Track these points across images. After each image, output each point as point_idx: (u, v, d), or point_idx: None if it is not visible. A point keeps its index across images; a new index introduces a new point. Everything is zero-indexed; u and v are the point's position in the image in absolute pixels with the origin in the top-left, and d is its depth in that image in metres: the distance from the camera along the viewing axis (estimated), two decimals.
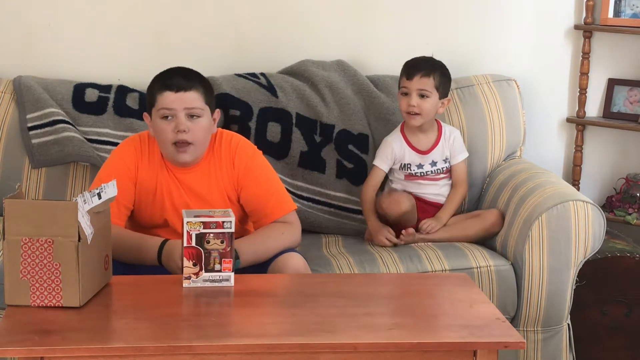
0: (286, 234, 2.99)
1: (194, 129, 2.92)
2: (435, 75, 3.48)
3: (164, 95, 2.92)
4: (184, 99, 2.91)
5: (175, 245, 2.83)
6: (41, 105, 3.60)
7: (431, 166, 3.55)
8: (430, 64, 3.51)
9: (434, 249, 3.35)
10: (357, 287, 2.75)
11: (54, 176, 3.57)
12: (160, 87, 2.94)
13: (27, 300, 2.44)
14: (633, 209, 3.88)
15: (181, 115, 2.91)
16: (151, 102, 2.97)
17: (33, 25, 3.83)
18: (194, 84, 2.94)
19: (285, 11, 3.92)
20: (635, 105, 3.98)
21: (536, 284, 3.28)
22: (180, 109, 2.91)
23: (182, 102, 2.91)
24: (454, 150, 3.57)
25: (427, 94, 3.46)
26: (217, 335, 2.33)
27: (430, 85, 3.46)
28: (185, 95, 2.92)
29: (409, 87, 3.47)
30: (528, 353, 3.33)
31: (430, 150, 3.55)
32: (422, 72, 3.46)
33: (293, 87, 3.74)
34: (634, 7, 3.93)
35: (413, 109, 3.46)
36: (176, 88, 2.92)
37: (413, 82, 3.46)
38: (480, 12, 3.99)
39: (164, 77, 2.98)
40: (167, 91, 2.92)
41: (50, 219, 2.41)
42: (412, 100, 3.46)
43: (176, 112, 2.91)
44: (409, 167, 3.54)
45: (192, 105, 2.92)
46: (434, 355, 2.33)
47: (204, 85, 2.98)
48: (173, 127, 2.91)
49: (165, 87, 2.93)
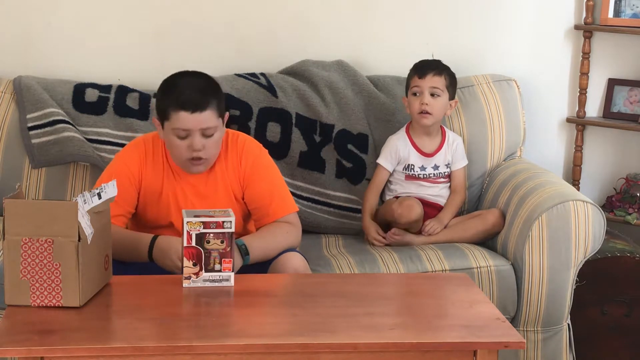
0: (290, 234, 3.00)
1: (208, 146, 2.91)
2: (446, 75, 3.51)
3: (179, 116, 2.87)
4: (200, 119, 2.87)
5: (170, 242, 2.82)
6: (41, 105, 3.60)
7: (433, 169, 3.56)
8: (440, 64, 3.54)
9: (434, 249, 3.35)
10: (357, 287, 2.75)
11: (54, 176, 3.57)
12: (175, 106, 2.88)
13: (27, 300, 2.44)
14: (633, 209, 3.88)
15: (196, 135, 2.88)
16: (164, 116, 2.91)
17: (33, 25, 3.83)
18: (209, 100, 2.89)
19: (285, 11, 3.92)
20: (635, 105, 3.98)
21: (536, 284, 3.28)
22: (196, 129, 2.88)
23: (197, 123, 2.87)
24: (456, 157, 3.59)
25: (438, 93, 3.48)
26: (217, 335, 2.33)
27: (441, 84, 3.49)
28: (201, 116, 2.87)
29: (422, 85, 3.48)
30: (528, 353, 3.33)
31: (434, 153, 3.56)
32: (434, 71, 3.48)
33: (293, 87, 3.74)
34: (634, 7, 3.93)
35: (425, 108, 3.46)
36: (192, 108, 2.86)
37: (425, 80, 3.47)
38: (481, 12, 3.99)
39: (178, 92, 2.89)
40: (183, 111, 2.86)
41: (50, 219, 2.41)
42: (424, 99, 3.47)
43: (191, 132, 2.88)
44: (412, 168, 3.54)
45: (207, 125, 2.89)
46: (434, 355, 2.33)
47: (217, 96, 2.94)
48: (188, 144, 2.89)
49: (180, 106, 2.87)
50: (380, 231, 3.47)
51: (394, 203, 3.44)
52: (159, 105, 2.95)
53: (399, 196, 3.53)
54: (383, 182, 3.58)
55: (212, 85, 2.96)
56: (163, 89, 2.96)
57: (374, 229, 3.47)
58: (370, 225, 3.49)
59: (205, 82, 2.96)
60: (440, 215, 3.52)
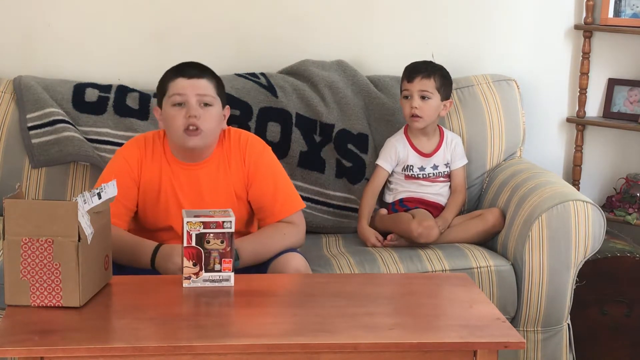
0: (288, 235, 2.99)
1: (205, 116, 2.93)
2: (436, 77, 3.50)
3: (176, 82, 2.96)
4: (196, 85, 2.94)
5: (173, 247, 2.82)
6: (41, 105, 3.60)
7: (432, 169, 3.56)
8: (430, 66, 3.53)
9: (434, 249, 3.35)
10: (357, 287, 2.75)
11: (54, 176, 3.57)
12: (172, 75, 2.98)
13: (27, 300, 2.44)
14: (633, 209, 3.88)
15: (193, 101, 2.93)
16: (162, 91, 2.99)
17: (33, 25, 3.83)
18: (206, 74, 2.99)
19: (285, 11, 3.92)
20: (635, 105, 3.98)
21: (536, 284, 3.28)
22: (192, 94, 2.93)
23: (194, 88, 2.94)
24: (455, 156, 3.59)
25: (428, 95, 3.48)
26: (217, 335, 2.33)
27: (431, 86, 3.48)
28: (198, 82, 2.95)
29: (411, 89, 3.49)
30: (528, 353, 3.33)
31: (432, 153, 3.57)
32: (422, 74, 3.49)
33: (293, 87, 3.74)
34: (634, 7, 3.93)
35: (415, 111, 3.47)
36: (189, 75, 2.95)
37: (414, 84, 3.48)
38: (480, 12, 3.99)
39: (176, 67, 3.01)
40: (180, 77, 2.96)
41: (50, 219, 2.41)
42: (414, 102, 3.48)
43: (188, 98, 2.93)
44: (411, 169, 3.55)
45: (204, 92, 2.94)
46: (434, 355, 2.33)
47: (216, 78, 3.02)
48: (184, 113, 2.93)
49: (177, 74, 2.97)
50: (379, 236, 3.46)
51: (411, 222, 3.38)
52: (159, 88, 3.03)
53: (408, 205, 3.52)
54: (381, 184, 3.58)
55: (212, 70, 3.04)
56: (162, 76, 3.04)
57: (373, 236, 3.46)
58: (368, 232, 3.47)
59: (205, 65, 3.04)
60: (444, 214, 3.52)
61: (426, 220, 3.39)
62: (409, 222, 3.38)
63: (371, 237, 3.46)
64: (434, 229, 3.36)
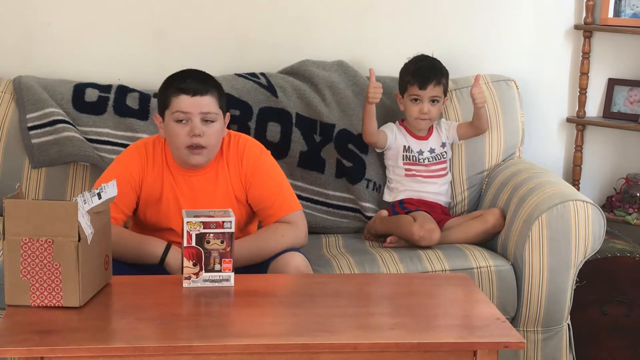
0: (286, 236, 2.99)
1: (208, 133, 2.92)
2: (444, 81, 3.58)
3: (179, 99, 2.92)
4: (200, 103, 2.91)
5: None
6: (41, 105, 3.60)
7: (430, 153, 3.60)
8: (439, 70, 3.59)
9: (434, 249, 3.35)
10: (357, 287, 2.75)
11: (54, 176, 3.57)
12: (175, 90, 2.93)
13: (27, 300, 2.44)
14: (633, 209, 3.88)
15: (196, 120, 2.91)
16: (164, 104, 2.95)
17: (33, 25, 3.83)
18: (209, 88, 2.94)
19: (285, 11, 3.92)
20: (635, 105, 3.98)
21: (536, 284, 3.28)
22: (196, 113, 2.91)
23: (197, 107, 2.91)
24: (449, 128, 3.66)
25: (438, 99, 3.58)
26: (217, 335, 2.33)
27: (441, 91, 3.58)
28: (201, 100, 2.91)
29: (422, 95, 3.55)
30: (528, 353, 3.33)
31: (427, 137, 3.63)
32: (434, 82, 3.55)
33: (293, 87, 3.74)
34: (634, 7, 3.93)
35: (425, 116, 3.55)
36: (192, 92, 2.91)
37: (427, 91, 3.54)
38: (480, 12, 3.99)
39: (179, 80, 2.96)
40: (183, 95, 2.91)
41: (50, 219, 2.41)
42: (424, 108, 3.55)
43: (191, 117, 2.91)
44: (410, 150, 3.57)
45: (207, 110, 2.92)
46: (434, 355, 2.33)
47: (218, 89, 2.98)
48: (188, 130, 2.91)
49: (181, 90, 2.92)
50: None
51: (413, 225, 3.38)
52: (160, 97, 2.99)
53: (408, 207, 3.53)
54: (378, 131, 3.60)
55: (213, 79, 3.02)
56: (164, 83, 3.01)
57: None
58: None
59: (207, 75, 3.01)
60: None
61: (427, 223, 3.39)
62: (410, 225, 3.38)
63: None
64: (435, 232, 3.37)
